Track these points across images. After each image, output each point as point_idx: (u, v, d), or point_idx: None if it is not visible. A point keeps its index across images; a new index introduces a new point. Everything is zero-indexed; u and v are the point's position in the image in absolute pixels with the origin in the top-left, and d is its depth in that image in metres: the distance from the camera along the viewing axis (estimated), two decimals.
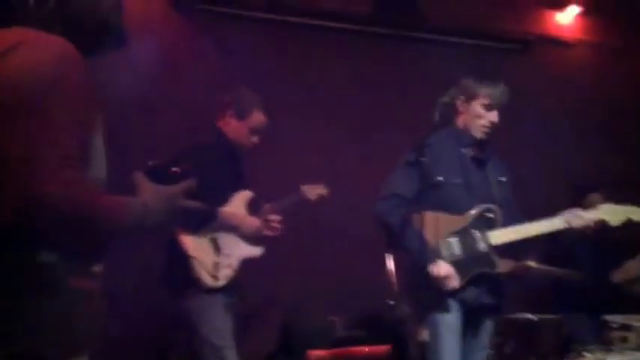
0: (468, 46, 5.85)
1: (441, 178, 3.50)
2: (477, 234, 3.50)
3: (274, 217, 4.09)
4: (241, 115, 4.00)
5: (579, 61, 6.26)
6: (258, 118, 4.03)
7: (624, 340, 4.29)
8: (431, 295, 3.34)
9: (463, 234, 3.49)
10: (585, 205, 3.80)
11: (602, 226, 3.57)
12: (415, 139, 3.43)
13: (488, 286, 3.53)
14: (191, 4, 5.09)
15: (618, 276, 4.91)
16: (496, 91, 3.58)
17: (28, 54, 1.77)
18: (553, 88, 6.04)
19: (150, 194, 1.92)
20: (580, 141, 5.92)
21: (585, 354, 4.09)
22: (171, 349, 4.56)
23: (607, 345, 4.22)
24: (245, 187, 4.08)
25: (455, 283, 3.40)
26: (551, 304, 4.84)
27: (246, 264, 3.98)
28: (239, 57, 5.02)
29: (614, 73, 6.22)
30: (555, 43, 6.23)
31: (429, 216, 3.38)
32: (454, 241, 3.48)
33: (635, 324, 4.31)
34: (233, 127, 4.01)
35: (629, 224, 3.55)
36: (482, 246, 3.49)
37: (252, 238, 4.02)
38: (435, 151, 3.48)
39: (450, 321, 3.39)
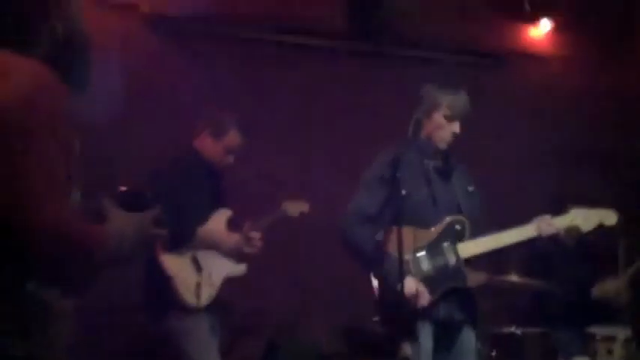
0: (442, 62, 5.84)
1: (405, 192, 3.38)
2: (446, 247, 3.41)
3: (254, 234, 4.06)
4: (217, 135, 3.99)
5: (553, 74, 6.26)
6: (233, 138, 4.02)
7: (609, 351, 4.26)
8: (402, 315, 3.21)
9: (431, 248, 3.41)
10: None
11: (575, 232, 3.51)
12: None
13: (460, 301, 3.43)
14: (167, 24, 5.06)
15: (597, 292, 4.78)
16: (458, 101, 3.48)
17: (6, 81, 1.70)
18: (527, 102, 6.02)
19: (121, 222, 1.87)
20: (555, 153, 5.90)
21: None
22: None
23: (592, 357, 4.21)
24: (224, 206, 4.05)
25: (425, 300, 3.30)
26: (536, 317, 4.81)
27: (232, 281, 3.95)
28: (214, 76, 5.00)
29: (587, 86, 6.23)
30: (529, 57, 6.23)
31: (397, 231, 3.21)
32: (422, 256, 3.40)
33: (620, 335, 4.27)
34: (208, 147, 4.00)
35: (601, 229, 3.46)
36: (452, 259, 3.40)
37: (234, 256, 4.00)
38: (402, 165, 3.34)
39: (421, 342, 3.26)
